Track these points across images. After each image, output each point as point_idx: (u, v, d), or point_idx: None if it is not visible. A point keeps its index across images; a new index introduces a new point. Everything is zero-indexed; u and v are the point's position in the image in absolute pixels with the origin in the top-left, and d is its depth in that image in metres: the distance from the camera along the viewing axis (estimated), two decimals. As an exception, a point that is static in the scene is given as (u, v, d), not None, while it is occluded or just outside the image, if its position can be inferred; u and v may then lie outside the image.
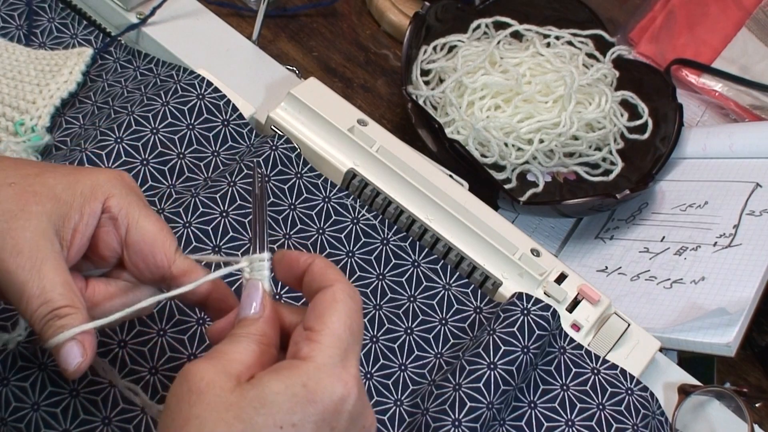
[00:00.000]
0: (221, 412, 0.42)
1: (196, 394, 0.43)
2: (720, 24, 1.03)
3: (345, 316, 0.46)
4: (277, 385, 0.43)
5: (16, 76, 0.70)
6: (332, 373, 0.44)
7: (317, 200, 0.70)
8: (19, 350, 0.56)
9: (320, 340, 0.45)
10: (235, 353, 0.45)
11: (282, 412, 0.42)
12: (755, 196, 0.83)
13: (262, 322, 0.48)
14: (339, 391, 0.44)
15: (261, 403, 0.42)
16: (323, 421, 0.43)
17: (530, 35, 0.94)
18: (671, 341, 0.73)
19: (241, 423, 0.42)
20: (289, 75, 0.80)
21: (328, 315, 0.45)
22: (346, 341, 0.45)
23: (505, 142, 0.87)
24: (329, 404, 0.43)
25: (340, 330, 0.45)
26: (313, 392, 0.43)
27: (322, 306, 0.46)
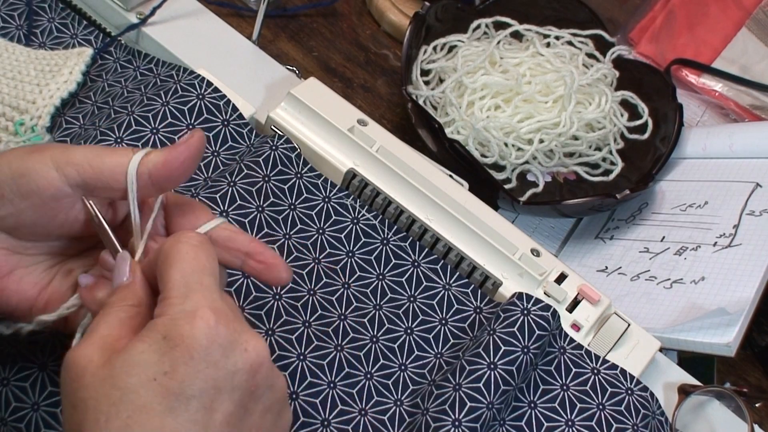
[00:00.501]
0: (98, 387, 0.44)
1: (76, 380, 0.45)
2: (720, 24, 1.03)
3: (179, 261, 0.47)
4: (140, 345, 0.44)
5: (16, 76, 0.70)
6: (185, 316, 0.45)
7: (317, 200, 0.70)
8: (20, 350, 0.56)
9: (166, 295, 0.46)
10: (104, 329, 0.47)
11: (151, 366, 0.44)
12: (755, 196, 0.83)
13: (130, 286, 0.49)
14: (198, 327, 0.45)
15: (130, 365, 0.44)
16: (192, 359, 0.44)
17: (530, 35, 0.94)
18: (671, 341, 0.73)
19: (117, 390, 0.43)
20: (289, 75, 0.80)
21: (164, 270, 0.47)
22: (188, 283, 0.46)
23: (505, 142, 0.87)
24: (192, 342, 0.44)
25: (178, 277, 0.47)
26: (172, 339, 0.44)
27: (159, 267, 0.48)
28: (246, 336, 0.46)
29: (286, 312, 0.64)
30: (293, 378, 0.62)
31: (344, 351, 0.65)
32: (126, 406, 0.43)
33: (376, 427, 0.62)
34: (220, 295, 0.47)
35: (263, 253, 0.52)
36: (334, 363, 0.64)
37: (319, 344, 0.64)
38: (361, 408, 0.63)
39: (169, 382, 0.44)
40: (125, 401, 0.43)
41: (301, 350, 0.63)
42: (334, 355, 0.64)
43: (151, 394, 0.43)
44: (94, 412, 0.43)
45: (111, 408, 0.43)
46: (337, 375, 0.63)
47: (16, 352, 0.57)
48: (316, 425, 0.61)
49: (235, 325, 0.46)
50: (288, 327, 0.64)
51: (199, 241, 0.48)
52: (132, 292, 0.49)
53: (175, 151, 0.50)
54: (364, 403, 0.63)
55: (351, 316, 0.66)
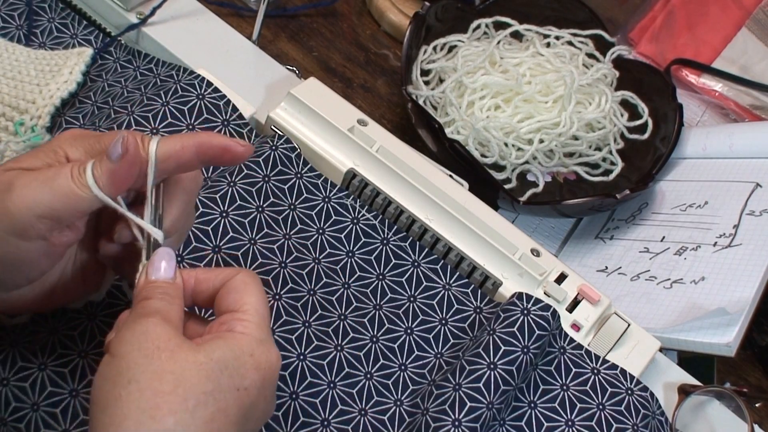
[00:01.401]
0: (194, 371, 0.45)
1: (167, 351, 0.46)
2: (720, 24, 1.03)
3: (258, 295, 0.50)
4: (231, 353, 0.47)
5: (16, 76, 0.70)
6: (268, 345, 0.49)
7: (317, 200, 0.70)
8: (19, 350, 0.56)
9: (249, 318, 0.49)
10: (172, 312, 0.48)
11: (238, 377, 0.47)
12: (755, 196, 0.83)
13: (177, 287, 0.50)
14: (273, 362, 0.49)
15: (224, 365, 0.46)
16: (263, 387, 0.48)
17: (530, 35, 0.94)
18: (671, 341, 0.73)
19: (211, 382, 0.45)
20: (289, 75, 0.80)
21: (247, 296, 0.50)
22: (266, 317, 0.50)
23: (505, 142, 0.87)
24: (267, 372, 0.48)
25: (260, 307, 0.50)
26: (258, 361, 0.48)
27: (237, 291, 0.50)
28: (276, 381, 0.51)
29: (286, 312, 0.64)
30: (293, 378, 0.62)
31: (344, 351, 0.65)
32: (215, 402, 0.45)
33: (376, 427, 0.62)
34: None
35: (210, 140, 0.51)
36: (334, 363, 0.64)
37: (319, 344, 0.64)
38: (361, 408, 0.63)
39: (246, 399, 0.47)
40: (215, 397, 0.45)
41: (301, 350, 0.63)
42: (334, 355, 0.64)
43: (233, 401, 0.46)
44: (186, 391, 0.45)
45: (202, 396, 0.45)
46: (337, 375, 0.63)
47: (16, 352, 0.57)
48: (316, 425, 0.61)
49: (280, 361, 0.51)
50: (288, 327, 0.64)
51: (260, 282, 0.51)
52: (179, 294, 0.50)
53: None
54: (364, 403, 0.63)
55: (351, 316, 0.66)
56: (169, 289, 0.49)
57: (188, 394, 0.44)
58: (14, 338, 0.57)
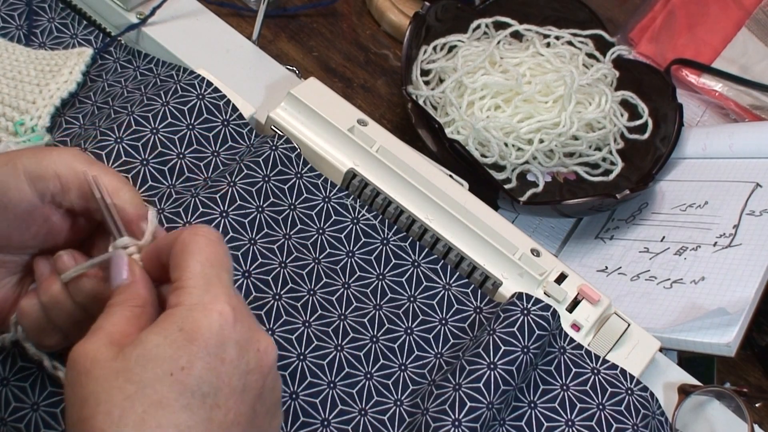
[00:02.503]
0: (111, 380, 0.43)
1: (84, 374, 0.43)
2: (720, 24, 1.03)
3: (197, 252, 0.46)
4: (155, 338, 0.43)
5: (16, 76, 0.70)
6: (203, 308, 0.44)
7: (317, 200, 0.70)
8: (19, 350, 0.56)
9: (183, 284, 0.45)
10: (109, 324, 0.46)
11: (168, 360, 0.43)
12: (755, 196, 0.83)
13: (132, 286, 0.48)
14: (216, 321, 0.44)
15: (146, 359, 0.43)
16: (209, 355, 0.43)
17: (530, 35, 0.94)
18: (671, 341, 0.73)
19: (132, 384, 0.42)
20: (289, 75, 0.80)
21: (182, 260, 0.46)
22: (207, 275, 0.46)
23: (505, 142, 0.87)
24: (210, 337, 0.44)
25: (197, 268, 0.46)
26: (190, 331, 0.43)
27: (175, 256, 0.47)
28: (259, 335, 0.46)
29: (286, 312, 0.64)
30: (293, 378, 0.62)
31: (344, 351, 0.65)
32: (142, 400, 0.42)
33: (376, 427, 0.62)
34: (235, 292, 0.47)
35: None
36: (334, 363, 0.64)
37: (319, 344, 0.64)
38: (361, 408, 0.63)
39: (186, 378, 0.43)
40: (141, 396, 0.42)
41: (301, 350, 0.63)
42: (334, 355, 0.64)
43: (167, 389, 0.42)
44: (107, 405, 0.42)
45: (125, 402, 0.42)
46: (337, 375, 0.63)
47: (16, 352, 0.57)
48: (316, 425, 0.61)
49: (250, 323, 0.46)
50: (288, 327, 0.64)
51: (217, 237, 0.48)
52: (134, 292, 0.48)
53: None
54: (364, 403, 0.63)
55: (351, 316, 0.66)
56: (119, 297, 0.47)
57: (110, 407, 0.42)
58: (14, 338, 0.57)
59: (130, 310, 0.47)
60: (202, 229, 0.48)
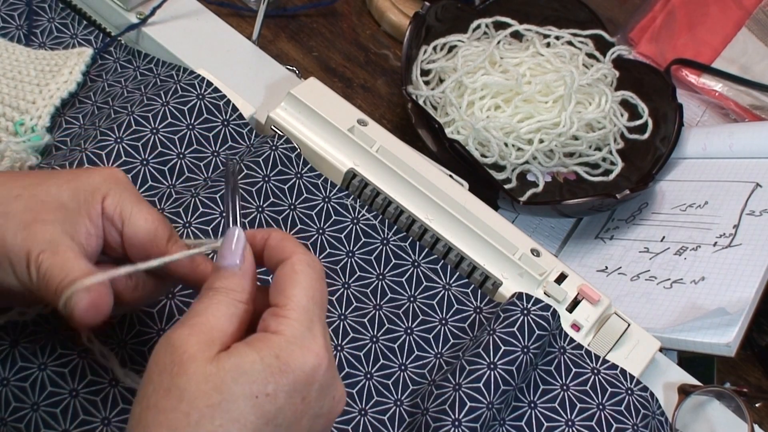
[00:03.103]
0: (201, 383, 0.43)
1: (179, 365, 0.44)
2: (720, 24, 1.03)
3: (306, 287, 0.46)
4: (252, 356, 0.44)
5: (16, 76, 0.70)
6: (303, 344, 0.45)
7: (317, 200, 0.70)
8: (19, 350, 0.56)
9: (286, 314, 0.46)
10: (212, 318, 0.46)
11: (257, 383, 0.43)
12: (755, 196, 0.83)
13: (242, 277, 0.48)
14: (310, 362, 0.45)
15: (238, 373, 0.43)
16: (295, 391, 0.44)
17: (530, 35, 0.94)
18: (671, 341, 0.73)
19: (219, 393, 0.43)
20: (289, 75, 0.80)
21: (290, 288, 0.46)
22: (311, 311, 0.46)
23: (505, 142, 0.87)
24: (301, 375, 0.44)
25: (303, 301, 0.46)
26: (285, 363, 0.44)
27: (283, 280, 0.47)
28: (338, 383, 0.47)
29: (286, 312, 0.64)
30: (293, 378, 0.62)
31: (344, 351, 0.65)
32: (222, 414, 0.43)
33: (376, 427, 0.62)
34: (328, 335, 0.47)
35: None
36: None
37: (319, 344, 0.64)
38: (361, 408, 0.63)
39: (269, 405, 0.44)
40: (223, 408, 0.43)
41: (301, 350, 0.63)
42: (334, 355, 0.64)
43: (249, 409, 0.43)
44: (189, 406, 0.43)
45: (207, 409, 0.43)
46: (337, 375, 0.63)
47: (16, 352, 0.57)
48: (316, 425, 0.61)
49: (335, 371, 0.47)
50: (288, 327, 0.64)
51: (321, 271, 0.48)
52: (243, 284, 0.47)
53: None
54: (364, 403, 0.63)
55: (351, 316, 0.66)
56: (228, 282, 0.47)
57: (190, 409, 0.43)
58: (14, 338, 0.57)
59: (234, 305, 0.46)
60: (314, 261, 0.48)
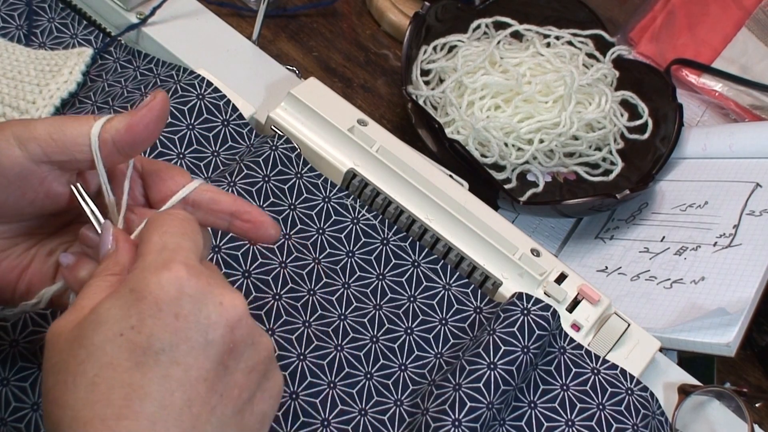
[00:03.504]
0: (67, 349, 0.42)
1: (50, 348, 0.44)
2: (720, 24, 1.03)
3: (160, 225, 0.46)
4: (108, 302, 0.43)
5: (16, 76, 0.70)
6: (154, 268, 0.43)
7: (317, 200, 0.70)
8: (19, 350, 0.56)
9: (141, 252, 0.45)
10: (83, 299, 0.45)
11: (117, 321, 0.42)
12: (755, 196, 0.83)
13: (112, 255, 0.47)
14: (165, 279, 0.43)
15: (97, 323, 0.42)
16: (161, 311, 0.42)
17: (530, 35, 0.94)
18: (671, 341, 0.73)
19: (84, 349, 0.42)
20: (289, 75, 0.80)
21: (144, 236, 0.46)
22: (164, 242, 0.45)
23: (505, 142, 0.87)
24: (160, 294, 0.42)
25: (155, 238, 0.45)
26: (139, 291, 0.43)
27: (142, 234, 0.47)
28: (221, 290, 0.44)
29: (286, 312, 0.64)
30: (293, 378, 0.62)
31: (344, 351, 0.65)
32: (92, 364, 0.42)
33: (376, 427, 0.62)
34: (198, 258, 0.46)
35: (249, 211, 0.51)
36: (334, 363, 0.64)
37: (319, 344, 0.64)
38: (361, 408, 0.63)
39: (136, 337, 0.42)
40: (92, 359, 0.42)
41: (301, 350, 0.63)
42: (334, 355, 0.64)
43: (117, 349, 0.42)
44: (64, 374, 0.42)
45: (78, 367, 0.42)
46: (337, 375, 0.63)
47: (16, 352, 0.57)
48: (316, 425, 0.61)
49: (210, 280, 0.44)
50: (288, 327, 0.64)
51: (185, 215, 0.47)
52: (114, 260, 0.47)
53: (137, 115, 0.48)
54: (364, 403, 0.63)
55: (351, 316, 0.66)
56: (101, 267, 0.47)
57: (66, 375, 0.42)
58: (14, 338, 0.57)
59: (105, 280, 0.46)
60: (172, 209, 0.48)
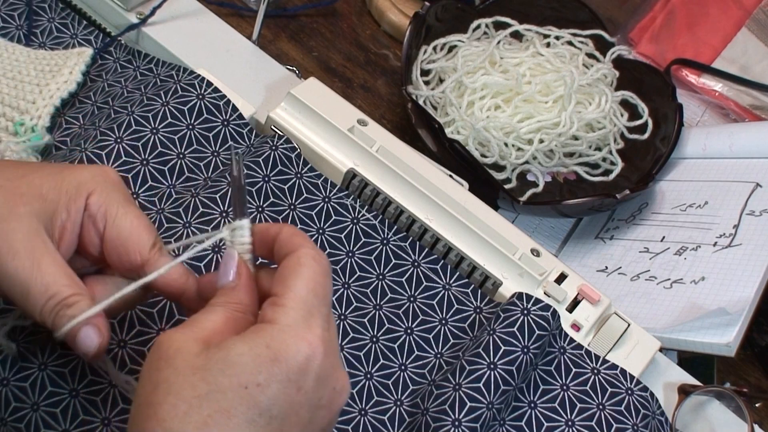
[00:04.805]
0: (188, 375, 0.43)
1: (165, 359, 0.44)
2: (720, 24, 1.03)
3: (308, 279, 0.46)
4: (241, 347, 0.43)
5: (16, 76, 0.70)
6: (296, 333, 0.44)
7: (317, 200, 0.70)
8: (20, 350, 0.56)
9: (284, 303, 0.45)
10: (206, 321, 0.46)
11: (246, 373, 0.43)
12: (755, 196, 0.83)
13: (237, 290, 0.48)
14: (303, 351, 0.44)
15: (226, 364, 0.43)
16: (288, 381, 0.43)
17: (530, 35, 0.94)
18: (671, 341, 0.73)
19: (206, 384, 0.43)
20: (289, 75, 0.80)
21: (291, 279, 0.46)
22: (309, 303, 0.45)
23: (505, 142, 0.87)
24: (293, 364, 0.44)
25: (303, 292, 0.45)
26: (276, 352, 0.43)
27: (286, 271, 0.47)
28: (339, 374, 0.46)
29: (286, 312, 0.64)
30: (293, 378, 0.62)
31: (344, 351, 0.65)
32: (210, 404, 0.42)
33: (376, 427, 0.62)
34: (331, 328, 0.47)
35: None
36: (334, 363, 0.64)
37: (319, 344, 0.64)
38: (361, 408, 0.63)
39: (259, 395, 0.43)
40: (210, 399, 0.42)
41: (301, 350, 0.63)
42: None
43: (238, 400, 0.43)
44: (176, 397, 0.42)
45: (194, 400, 0.42)
46: (337, 375, 0.63)
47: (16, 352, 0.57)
48: (316, 425, 0.61)
49: (334, 362, 0.46)
50: (288, 327, 0.64)
51: (327, 267, 0.48)
52: (237, 297, 0.47)
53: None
54: (364, 403, 0.63)
55: (351, 316, 0.66)
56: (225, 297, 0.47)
57: (177, 400, 0.42)
58: (14, 338, 0.57)
59: (230, 312, 0.47)
60: (320, 256, 0.47)
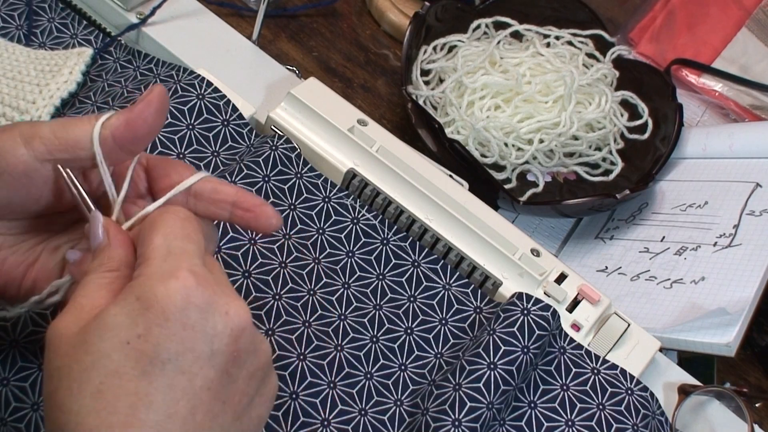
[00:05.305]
0: (71, 354, 0.43)
1: (52, 350, 0.44)
2: (720, 24, 1.03)
3: (162, 227, 0.46)
4: (113, 308, 0.43)
5: (16, 76, 0.70)
6: (160, 277, 0.43)
7: (317, 200, 0.70)
8: (19, 350, 0.56)
9: (145, 258, 0.45)
10: (81, 298, 0.45)
11: (124, 329, 0.42)
12: (755, 196, 0.83)
13: (106, 249, 0.47)
14: (173, 288, 0.43)
15: (103, 329, 0.42)
16: (167, 320, 0.43)
17: (530, 35, 0.94)
18: (671, 341, 0.73)
19: (89, 355, 0.42)
20: (289, 75, 0.80)
21: (146, 236, 0.46)
22: (169, 246, 0.45)
23: (505, 142, 0.87)
24: (167, 303, 0.43)
25: (159, 240, 0.45)
26: (146, 300, 0.43)
27: (142, 233, 0.47)
28: (226, 299, 0.45)
29: (286, 312, 0.64)
30: (293, 378, 0.62)
31: (344, 351, 0.65)
32: (98, 371, 0.42)
33: (376, 427, 0.62)
34: (202, 261, 0.46)
35: (250, 200, 0.51)
36: (334, 363, 0.64)
37: (319, 344, 0.64)
38: (361, 408, 0.63)
39: (143, 345, 0.42)
40: (97, 366, 0.42)
41: (301, 350, 0.63)
42: (334, 355, 0.64)
43: (123, 358, 0.42)
44: (68, 379, 0.42)
45: (83, 374, 0.42)
46: (337, 375, 0.63)
47: (16, 352, 0.57)
48: (316, 425, 0.61)
49: (216, 288, 0.45)
50: (288, 327, 0.64)
51: (186, 214, 0.47)
52: (109, 255, 0.47)
53: (135, 111, 0.48)
54: (364, 403, 0.63)
55: (351, 316, 0.66)
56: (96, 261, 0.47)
57: (69, 381, 0.42)
58: (14, 338, 0.57)
59: (102, 276, 0.46)
60: (171, 206, 0.48)
